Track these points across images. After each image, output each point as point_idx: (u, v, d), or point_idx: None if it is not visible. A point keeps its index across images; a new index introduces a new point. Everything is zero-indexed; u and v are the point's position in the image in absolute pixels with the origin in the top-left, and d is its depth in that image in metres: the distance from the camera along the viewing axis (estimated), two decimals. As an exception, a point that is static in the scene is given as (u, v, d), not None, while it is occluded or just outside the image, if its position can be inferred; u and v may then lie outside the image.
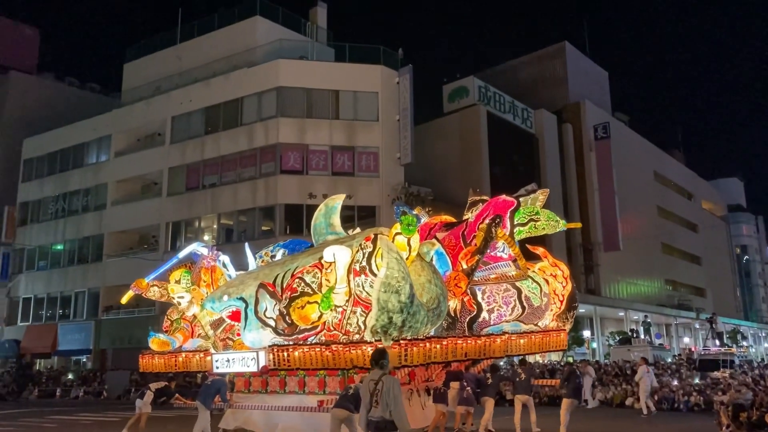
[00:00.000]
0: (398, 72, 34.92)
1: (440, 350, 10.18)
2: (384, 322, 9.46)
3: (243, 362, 11.20)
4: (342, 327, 10.26)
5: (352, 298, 10.13)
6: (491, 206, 11.82)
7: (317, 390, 11.50)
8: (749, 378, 22.62)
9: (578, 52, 53.86)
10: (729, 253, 70.46)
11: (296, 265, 10.71)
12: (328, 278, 10.27)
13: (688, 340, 50.47)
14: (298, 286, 10.35)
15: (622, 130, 51.85)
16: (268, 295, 10.43)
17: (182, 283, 13.46)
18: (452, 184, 39.91)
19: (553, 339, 12.36)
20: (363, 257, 10.00)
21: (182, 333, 13.46)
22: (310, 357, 10.14)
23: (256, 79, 34.59)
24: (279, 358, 10.46)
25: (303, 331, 10.26)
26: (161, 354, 13.54)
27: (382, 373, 7.15)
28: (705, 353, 33.35)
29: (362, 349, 9.55)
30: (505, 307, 11.94)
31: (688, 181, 63.48)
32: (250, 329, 10.71)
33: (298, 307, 10.08)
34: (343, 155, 33.92)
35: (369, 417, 6.91)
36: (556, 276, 12.61)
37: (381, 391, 6.91)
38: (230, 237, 35.31)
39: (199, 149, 36.06)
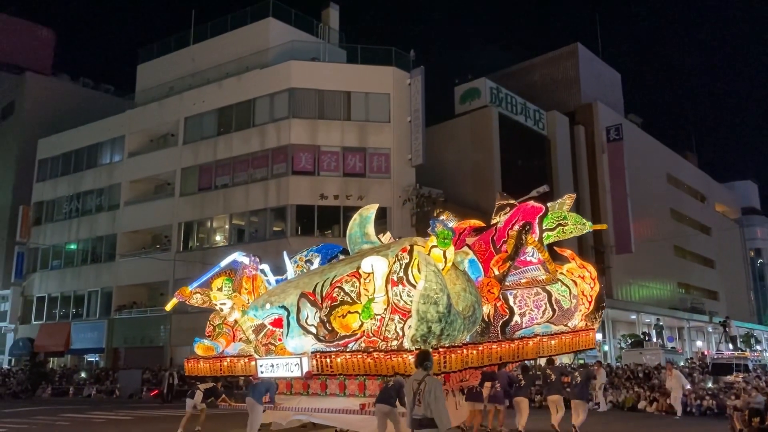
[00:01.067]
0: (410, 73, 34.92)
1: (476, 356, 10.57)
2: (423, 332, 9.85)
3: (287, 367, 11.67)
4: (381, 334, 10.74)
5: (390, 307, 10.58)
6: (520, 212, 12.15)
7: (357, 392, 12.06)
8: (762, 382, 22.40)
9: (591, 53, 53.63)
10: (743, 256, 69.83)
11: (334, 274, 11.14)
12: (366, 288, 10.71)
13: (701, 343, 50.08)
14: (337, 295, 10.73)
15: (635, 132, 51.55)
16: (309, 303, 10.88)
17: (224, 291, 13.87)
18: (464, 185, 39.88)
19: (582, 338, 12.76)
20: (400, 268, 10.46)
21: (225, 338, 14.01)
22: (352, 364, 10.57)
23: (268, 81, 34.73)
24: (322, 364, 10.90)
25: (343, 338, 10.68)
26: (206, 358, 14.06)
27: (425, 374, 7.50)
28: (718, 357, 33.10)
29: (403, 356, 9.93)
30: (536, 310, 12.32)
31: (702, 183, 62.98)
32: (292, 336, 11.19)
33: (339, 315, 10.46)
34: (354, 156, 33.97)
35: (413, 415, 7.29)
36: (584, 277, 12.96)
37: (423, 390, 7.27)
38: (242, 237, 35.45)
39: (211, 150, 36.25)
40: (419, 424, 7.33)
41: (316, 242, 33.09)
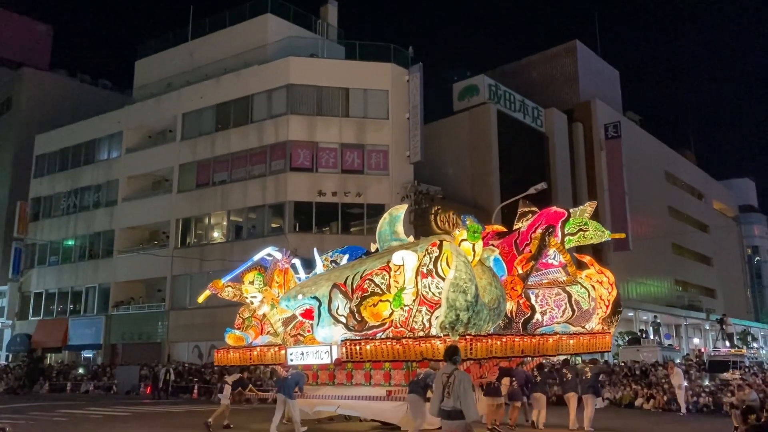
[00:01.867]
0: (408, 70, 34.90)
1: (500, 346, 11.34)
2: (452, 319, 10.63)
3: (317, 355, 12.54)
4: (408, 324, 11.47)
5: (419, 298, 11.32)
6: (543, 217, 12.92)
7: (383, 382, 12.82)
8: (759, 379, 22.46)
9: (589, 50, 53.58)
10: (740, 253, 69.92)
11: (364, 268, 11.96)
12: (396, 280, 11.52)
13: (698, 341, 50.14)
14: (368, 286, 11.57)
15: (633, 130, 51.54)
16: (341, 294, 11.72)
17: (255, 284, 14.74)
18: (462, 182, 39.88)
19: (599, 341, 13.53)
20: (430, 261, 11.27)
21: (254, 329, 14.73)
22: (382, 350, 11.38)
23: (266, 77, 34.68)
24: (352, 352, 11.71)
25: (372, 328, 11.53)
26: (236, 348, 14.89)
27: (453, 368, 7.88)
28: (715, 354, 33.14)
29: (431, 342, 10.63)
30: (557, 309, 13.09)
31: (700, 181, 63.03)
32: (322, 326, 12.03)
33: (370, 305, 11.31)
34: (352, 153, 33.96)
35: (441, 406, 7.68)
36: (602, 282, 13.67)
37: (453, 384, 7.65)
38: (240, 234, 35.45)
39: (209, 146, 36.21)
40: (448, 414, 7.67)
41: (314, 239, 33.36)
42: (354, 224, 34.56)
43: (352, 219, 34.36)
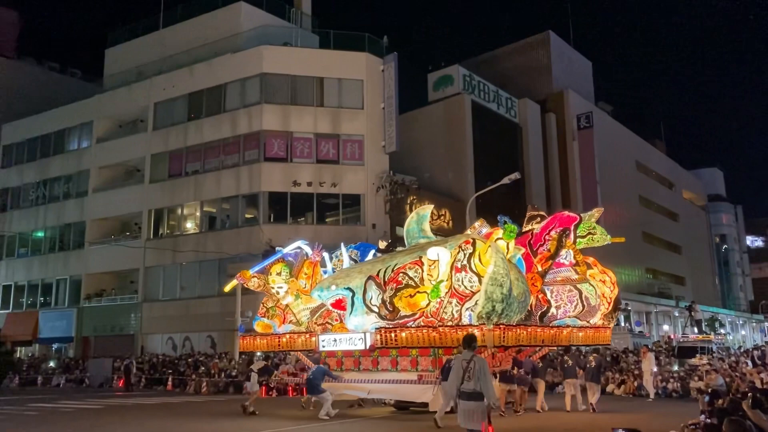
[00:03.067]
0: (383, 60, 34.82)
1: (526, 336, 12.51)
2: (488, 309, 11.69)
3: (350, 342, 13.59)
4: (438, 314, 12.48)
5: (450, 291, 12.33)
6: (556, 220, 13.92)
7: (410, 368, 13.81)
8: (726, 364, 23.01)
9: (562, 41, 54.01)
10: (708, 242, 71.38)
11: (396, 263, 12.93)
12: (430, 273, 12.48)
13: (668, 327, 51.17)
14: (402, 279, 12.60)
15: (605, 120, 52.17)
16: (375, 285, 12.74)
17: (282, 276, 15.53)
18: (437, 172, 40.02)
19: (601, 334, 14.89)
20: (464, 257, 12.21)
21: (278, 318, 15.56)
22: (418, 337, 12.42)
23: (239, 66, 34.34)
24: (386, 338, 12.74)
25: (403, 317, 12.62)
26: (263, 335, 15.75)
27: (472, 354, 8.47)
28: (683, 340, 33.85)
29: (468, 330, 11.37)
30: (570, 304, 14.41)
31: (670, 170, 64.07)
32: (355, 314, 13.09)
33: (406, 296, 12.40)
34: (327, 143, 33.85)
35: (462, 389, 8.28)
36: (605, 281, 14.93)
37: (473, 369, 8.26)
38: (213, 225, 35.18)
39: (182, 136, 35.79)
40: (468, 396, 8.27)
41: (289, 230, 33.25)
42: (329, 215, 34.50)
43: (328, 209, 34.30)
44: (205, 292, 33.83)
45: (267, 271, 15.98)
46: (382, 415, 15.25)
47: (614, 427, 4.66)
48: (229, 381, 25.79)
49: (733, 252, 74.88)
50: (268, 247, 31.75)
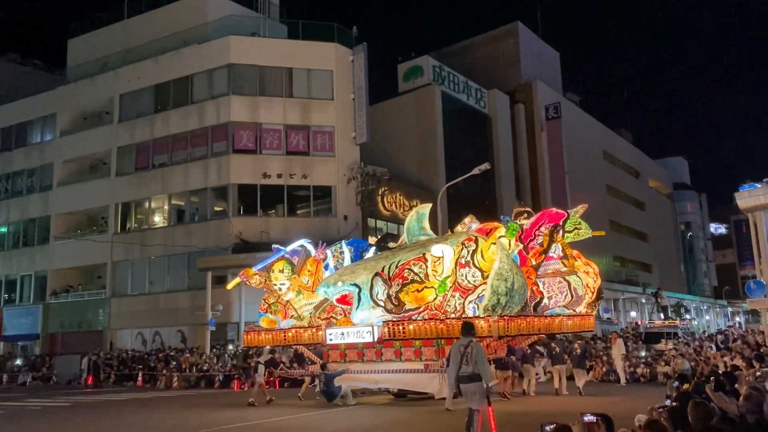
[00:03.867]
0: (353, 50, 34.65)
1: (525, 325, 13.39)
2: (494, 302, 12.48)
3: (358, 335, 14.30)
4: (442, 307, 13.35)
5: (454, 285, 13.17)
6: (545, 216, 14.62)
7: (414, 358, 14.45)
8: (691, 349, 23.55)
9: (530, 32, 54.33)
10: (674, 229, 72.76)
11: (399, 259, 13.67)
12: (435, 269, 13.28)
13: (635, 314, 52.11)
14: (407, 275, 13.31)
15: (572, 111, 52.72)
16: (382, 281, 13.40)
17: (285, 273, 16.12)
18: (408, 163, 40.06)
19: (586, 321, 15.84)
20: (468, 253, 13.04)
21: (280, 314, 16.14)
22: (425, 329, 13.13)
23: (206, 56, 33.88)
24: (394, 331, 13.42)
25: (408, 311, 13.38)
26: (268, 330, 16.36)
27: (469, 340, 9.15)
28: (650, 326, 34.52)
29: (475, 321, 11.94)
30: (560, 295, 15.21)
31: (636, 160, 65.08)
32: (362, 309, 13.66)
33: (413, 290, 13.15)
34: (297, 134, 33.62)
35: (461, 373, 8.89)
36: (588, 273, 15.75)
37: (471, 353, 8.91)
38: (182, 218, 34.76)
39: (148, 128, 35.23)
40: (468, 379, 8.92)
41: (259, 222, 33.00)
42: (300, 206, 34.34)
43: (299, 201, 34.12)
44: (174, 287, 33.46)
45: (269, 269, 16.53)
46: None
47: (582, 412, 4.72)
48: (200, 375, 25.60)
49: (697, 239, 76.50)
50: (238, 240, 31.54)
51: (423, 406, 14.24)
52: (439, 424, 11.18)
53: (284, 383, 22.98)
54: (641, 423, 5.53)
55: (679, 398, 5.79)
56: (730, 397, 6.41)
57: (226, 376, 24.71)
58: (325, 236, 31.71)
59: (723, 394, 6.44)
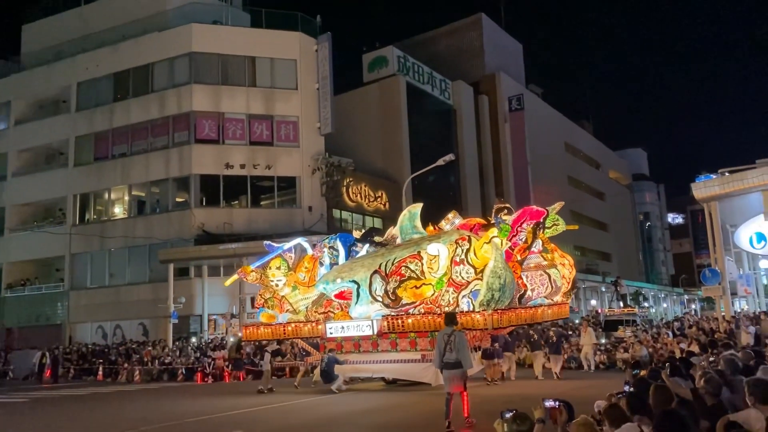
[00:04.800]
0: (317, 40, 34.40)
1: (515, 317, 14.44)
2: (488, 298, 13.61)
3: (358, 328, 15.13)
4: (437, 302, 14.38)
5: (448, 281, 14.20)
6: (527, 214, 15.41)
7: (409, 348, 15.21)
8: (649, 336, 24.09)
9: (494, 23, 54.66)
10: (633, 219, 74.34)
11: (395, 257, 14.59)
12: (430, 266, 14.28)
13: (595, 302, 53.07)
14: (405, 272, 14.31)
15: (535, 102, 53.31)
16: (380, 278, 14.35)
17: (281, 270, 16.91)
18: (373, 154, 40.03)
19: (563, 310, 17.10)
20: (462, 252, 14.17)
21: (277, 308, 16.93)
22: (423, 323, 14.13)
23: (167, 44, 33.24)
24: (393, 324, 14.40)
25: (405, 305, 14.37)
26: (267, 325, 17.05)
27: (452, 330, 10.06)
28: (610, 314, 35.20)
29: (471, 315, 13.63)
30: (542, 287, 16.28)
31: (597, 151, 66.20)
32: (361, 304, 14.57)
33: (411, 287, 14.18)
34: (261, 124, 33.29)
35: (445, 359, 9.80)
36: (564, 264, 16.89)
37: (454, 342, 9.79)
38: (143, 209, 34.15)
39: (107, 117, 34.46)
40: (451, 365, 9.80)
41: (222, 213, 32.65)
42: (264, 197, 34.05)
43: (263, 192, 33.82)
44: (135, 279, 32.91)
45: (266, 266, 17.31)
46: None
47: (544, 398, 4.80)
48: (162, 368, 25.26)
49: (655, 229, 78.30)
50: (200, 231, 31.14)
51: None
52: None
53: (249, 375, 22.93)
54: (600, 408, 5.66)
55: (636, 384, 5.93)
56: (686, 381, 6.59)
57: (189, 369, 24.43)
58: (290, 227, 31.74)
59: (678, 379, 6.61)
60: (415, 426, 10.70)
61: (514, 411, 4.51)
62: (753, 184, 22.33)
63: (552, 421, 4.68)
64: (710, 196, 23.55)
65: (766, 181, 21.91)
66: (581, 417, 4.52)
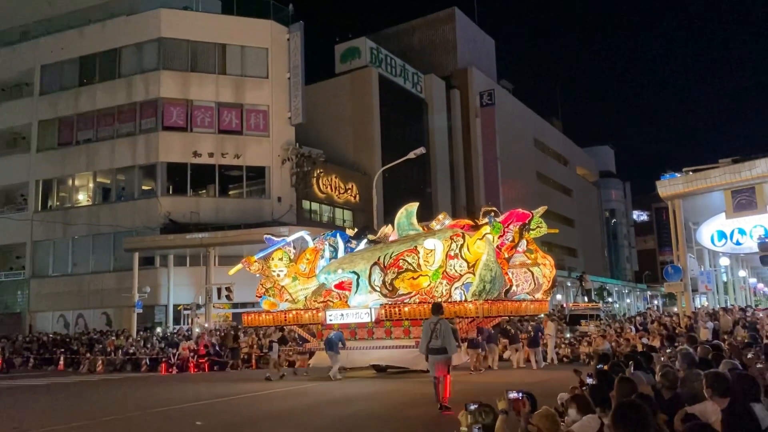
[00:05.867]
0: (289, 28, 34.08)
1: (503, 307, 16.00)
2: (480, 289, 15.10)
3: (357, 315, 16.10)
4: (431, 293, 15.61)
5: (442, 274, 15.46)
6: (513, 216, 17.04)
7: (403, 336, 16.37)
8: (612, 330, 24.51)
9: (467, 18, 54.77)
10: (599, 216, 75.44)
11: (392, 251, 15.87)
12: (426, 260, 15.55)
13: (560, 296, 53.84)
14: (402, 264, 15.59)
15: (506, 98, 53.63)
16: (379, 269, 15.56)
17: (284, 261, 17.92)
18: (344, 145, 39.87)
19: (543, 306, 18.89)
20: (457, 247, 15.52)
21: (277, 297, 17.93)
22: (419, 311, 15.15)
23: (135, 29, 32.59)
24: (391, 313, 15.59)
25: (401, 295, 15.66)
26: (268, 312, 18.08)
27: (438, 318, 10.99)
28: (574, 309, 35.72)
29: (463, 305, 15.05)
30: (525, 283, 17.82)
31: (565, 148, 66.95)
32: (360, 293, 15.72)
33: (409, 278, 15.49)
34: (230, 112, 32.89)
35: (430, 346, 10.65)
36: (546, 264, 18.55)
37: (439, 329, 10.67)
38: (108, 196, 33.50)
39: (72, 102, 33.69)
40: (436, 351, 10.64)
41: (189, 202, 32.21)
42: (233, 187, 33.68)
43: (231, 181, 33.45)
44: (99, 268, 32.33)
45: (269, 257, 18.25)
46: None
47: (508, 389, 4.83)
48: (126, 359, 24.86)
49: (621, 225, 79.59)
50: (166, 220, 30.68)
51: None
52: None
53: (214, 366, 22.74)
54: (563, 400, 5.72)
55: (598, 377, 6.01)
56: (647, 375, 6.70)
57: (153, 359, 24.08)
58: (258, 217, 31.48)
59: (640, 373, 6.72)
60: (378, 417, 10.69)
61: (479, 403, 4.53)
62: (715, 183, 22.81)
63: (515, 413, 4.71)
64: (674, 194, 23.99)
65: (728, 180, 22.38)
66: (543, 408, 4.56)
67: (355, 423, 10.19)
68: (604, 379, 5.79)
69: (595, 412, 4.83)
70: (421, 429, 9.59)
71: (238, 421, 10.66)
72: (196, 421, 10.32)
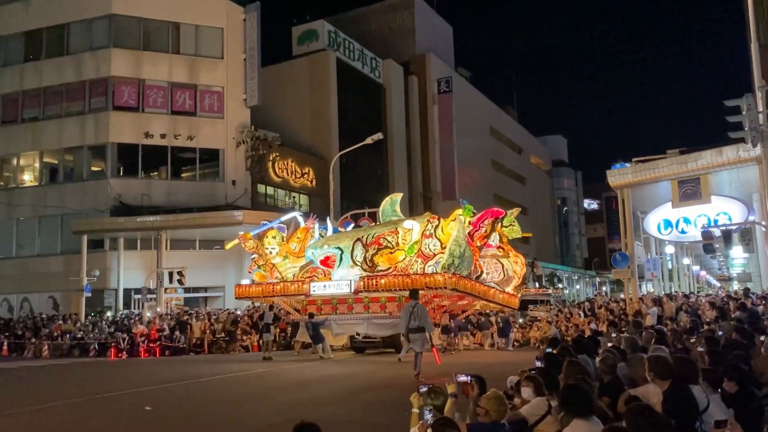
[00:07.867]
0: (245, 8, 33.49)
1: (470, 285, 17.26)
2: (449, 262, 16.23)
3: (338, 287, 17.42)
4: (408, 269, 16.93)
5: (418, 252, 16.90)
6: (489, 213, 18.41)
7: (379, 311, 17.76)
8: (562, 316, 25.15)
9: (425, 4, 54.71)
10: (551, 204, 76.86)
11: (374, 232, 17.69)
12: (404, 238, 17.23)
13: (513, 283, 54.87)
14: (383, 242, 17.23)
15: (463, 86, 53.92)
16: (361, 245, 17.29)
17: (276, 239, 19.14)
18: (301, 129, 39.50)
19: (512, 300, 20.11)
20: (432, 227, 16.90)
21: (269, 272, 18.94)
22: (394, 282, 16.58)
23: (85, 4, 31.55)
24: (368, 284, 16.85)
25: (380, 271, 17.06)
26: (258, 284, 19.04)
27: (416, 302, 13.09)
28: (525, 294, 36.46)
29: (433, 276, 16.09)
30: (495, 273, 19.36)
31: (520, 136, 67.81)
32: (342, 267, 17.44)
33: (387, 253, 17.07)
34: (183, 93, 32.21)
35: (409, 327, 12.73)
36: (517, 262, 20.11)
37: (417, 312, 12.79)
38: (55, 177, 32.48)
39: (17, 78, 32.46)
40: (415, 330, 12.72)
41: (140, 184, 31.51)
42: (186, 170, 33.06)
43: (184, 164, 32.83)
44: (45, 250, 31.38)
45: (263, 235, 19.31)
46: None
47: (457, 373, 4.92)
48: (74, 344, 24.27)
49: (572, 213, 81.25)
50: (117, 202, 29.95)
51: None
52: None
53: (165, 351, 22.44)
54: (512, 384, 5.87)
55: (546, 360, 6.19)
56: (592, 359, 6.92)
57: (102, 344, 23.59)
58: (212, 201, 31.04)
59: (587, 357, 6.93)
60: (333, 402, 10.65)
61: (430, 386, 4.61)
62: (663, 173, 23.48)
63: (464, 395, 4.81)
64: (623, 184, 24.61)
65: (675, 171, 23.07)
66: (491, 391, 4.67)
67: (309, 407, 10.14)
68: (552, 363, 5.96)
69: (545, 394, 4.98)
70: (377, 409, 9.63)
71: (188, 407, 10.54)
72: (146, 407, 10.17)
